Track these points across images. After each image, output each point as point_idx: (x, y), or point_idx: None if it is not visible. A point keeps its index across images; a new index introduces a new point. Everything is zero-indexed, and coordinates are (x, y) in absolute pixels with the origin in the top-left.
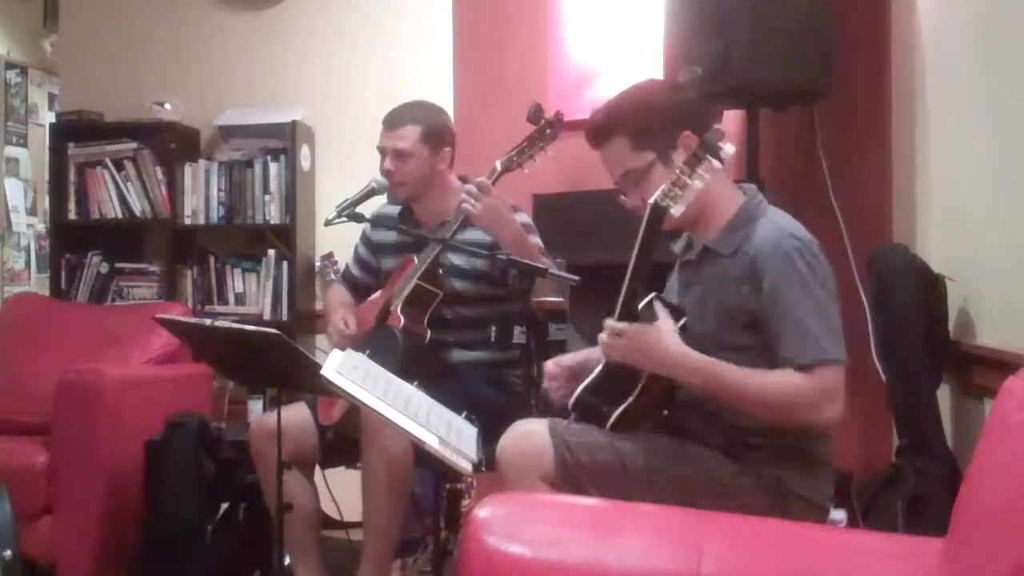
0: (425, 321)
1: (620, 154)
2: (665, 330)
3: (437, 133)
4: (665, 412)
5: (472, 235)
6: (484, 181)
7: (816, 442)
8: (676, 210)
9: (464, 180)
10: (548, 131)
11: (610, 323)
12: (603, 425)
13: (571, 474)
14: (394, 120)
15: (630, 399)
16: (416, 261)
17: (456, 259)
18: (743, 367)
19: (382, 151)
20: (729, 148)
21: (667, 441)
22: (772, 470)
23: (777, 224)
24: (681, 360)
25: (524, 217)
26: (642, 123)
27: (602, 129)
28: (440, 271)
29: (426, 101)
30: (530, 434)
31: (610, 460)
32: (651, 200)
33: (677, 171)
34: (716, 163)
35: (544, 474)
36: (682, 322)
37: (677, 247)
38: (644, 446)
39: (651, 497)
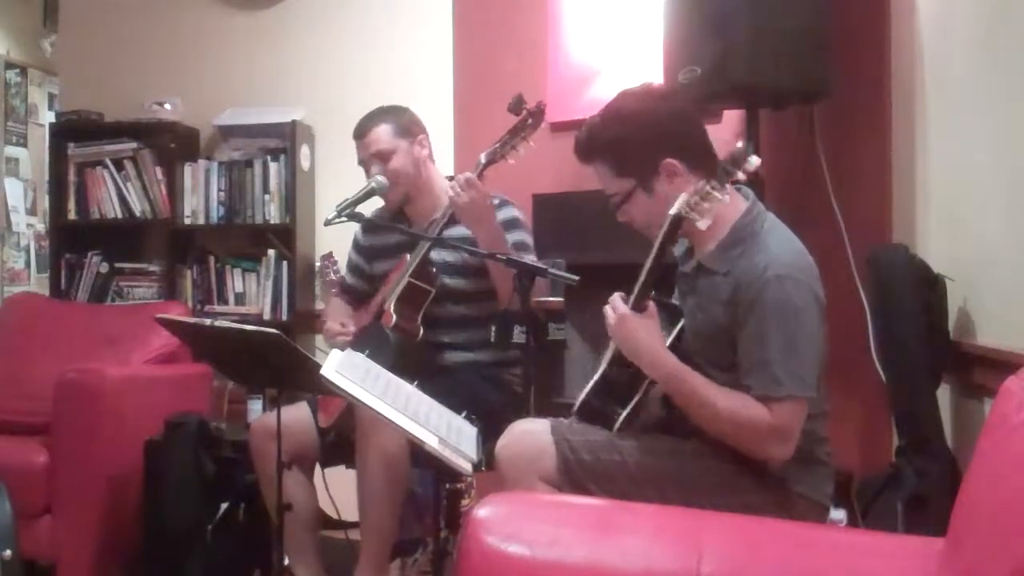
0: (418, 319)
1: (604, 176)
2: (644, 323)
3: (406, 125)
4: (662, 413)
5: (463, 231)
6: (471, 176)
7: (816, 443)
8: (702, 224)
9: (452, 180)
10: (530, 121)
11: (617, 297)
12: (610, 427)
13: (573, 473)
14: (361, 130)
15: (634, 401)
16: (408, 259)
17: (447, 255)
18: (713, 383)
19: (364, 163)
20: (754, 160)
21: (669, 440)
22: (774, 468)
23: (767, 250)
24: (648, 351)
25: (513, 211)
26: (619, 153)
27: (584, 152)
28: (432, 268)
29: (383, 105)
30: (530, 433)
31: (613, 459)
32: (672, 211)
33: (707, 187)
34: (740, 175)
35: (544, 474)
36: (680, 324)
37: (677, 252)
38: (646, 445)
39: (654, 496)
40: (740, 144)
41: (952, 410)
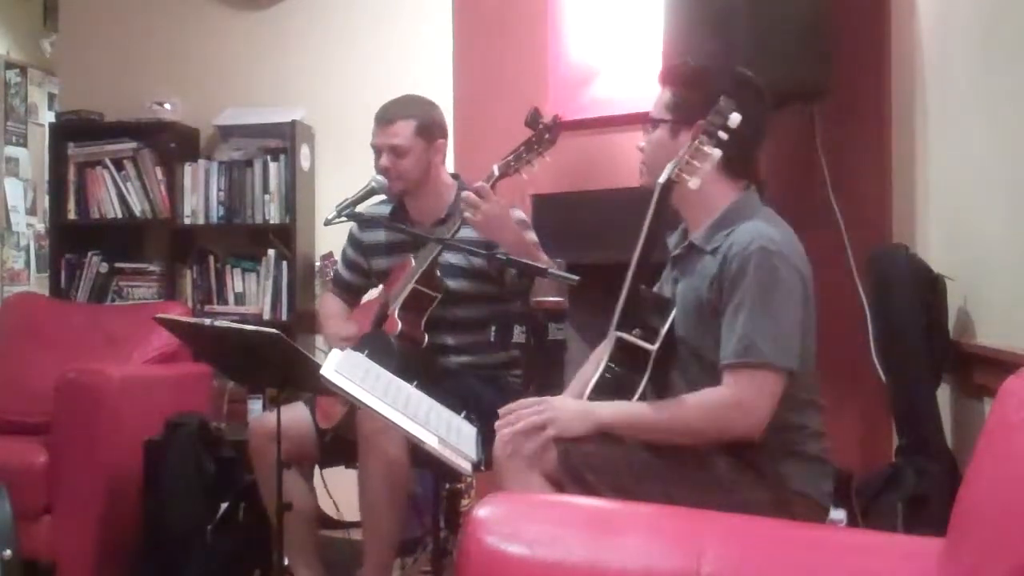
0: (422, 325)
1: (659, 100)
2: (562, 401)
3: (430, 126)
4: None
5: (469, 232)
6: (484, 186)
7: (809, 438)
8: (693, 183)
9: (456, 178)
10: (546, 136)
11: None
12: None
13: (573, 467)
14: (387, 116)
15: (637, 394)
16: (414, 263)
17: (453, 257)
18: (654, 402)
19: (377, 148)
20: (735, 117)
21: None
22: (772, 466)
23: (755, 228)
24: (583, 421)
25: (519, 214)
26: (685, 92)
27: (670, 73)
28: (438, 273)
29: (417, 95)
30: None
31: (613, 454)
32: (660, 180)
33: (696, 142)
34: (723, 134)
35: (544, 465)
36: (672, 314)
37: (672, 240)
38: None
39: (653, 491)
40: (722, 101)
41: (952, 410)
